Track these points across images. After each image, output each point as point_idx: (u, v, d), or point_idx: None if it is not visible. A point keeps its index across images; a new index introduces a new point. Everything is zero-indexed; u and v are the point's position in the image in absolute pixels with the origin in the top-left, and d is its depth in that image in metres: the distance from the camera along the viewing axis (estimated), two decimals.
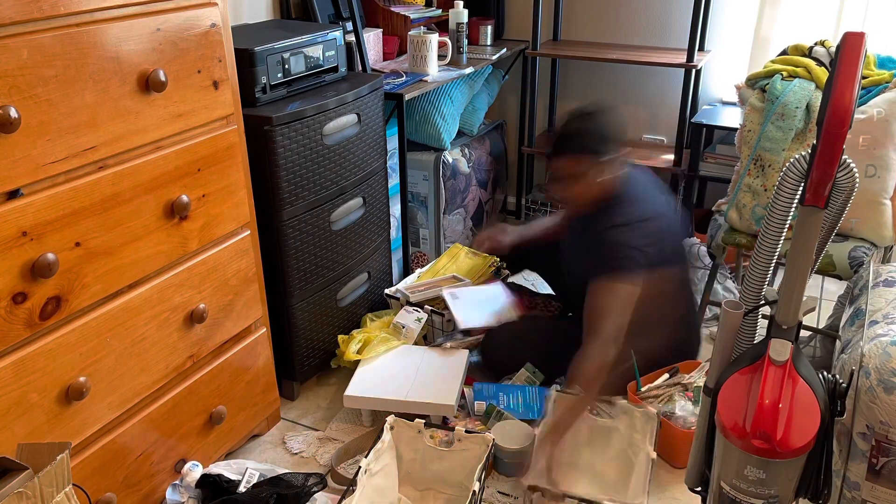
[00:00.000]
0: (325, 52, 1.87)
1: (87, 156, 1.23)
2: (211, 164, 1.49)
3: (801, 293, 1.08)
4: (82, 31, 1.18)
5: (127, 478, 1.45)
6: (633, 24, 2.71)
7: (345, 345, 1.98)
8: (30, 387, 1.22)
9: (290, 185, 1.75)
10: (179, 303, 1.48)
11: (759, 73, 1.96)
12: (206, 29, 1.41)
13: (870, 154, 1.83)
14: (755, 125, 1.91)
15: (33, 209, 1.16)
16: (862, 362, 1.24)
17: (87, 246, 1.26)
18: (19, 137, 1.12)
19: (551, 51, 2.69)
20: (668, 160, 2.63)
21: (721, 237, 2.04)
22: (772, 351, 1.07)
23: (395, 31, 2.47)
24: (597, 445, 1.65)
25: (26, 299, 1.18)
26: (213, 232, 1.53)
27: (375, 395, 1.84)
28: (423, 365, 1.94)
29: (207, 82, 1.43)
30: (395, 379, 1.89)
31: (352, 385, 1.87)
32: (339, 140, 1.87)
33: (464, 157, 2.67)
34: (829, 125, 0.97)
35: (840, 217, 1.25)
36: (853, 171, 1.07)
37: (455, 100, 2.55)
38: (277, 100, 1.77)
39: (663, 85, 2.74)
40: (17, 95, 1.10)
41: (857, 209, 1.85)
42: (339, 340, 2.01)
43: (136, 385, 1.42)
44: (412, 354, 1.99)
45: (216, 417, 1.64)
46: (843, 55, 0.98)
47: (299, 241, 1.83)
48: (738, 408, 1.07)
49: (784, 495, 1.09)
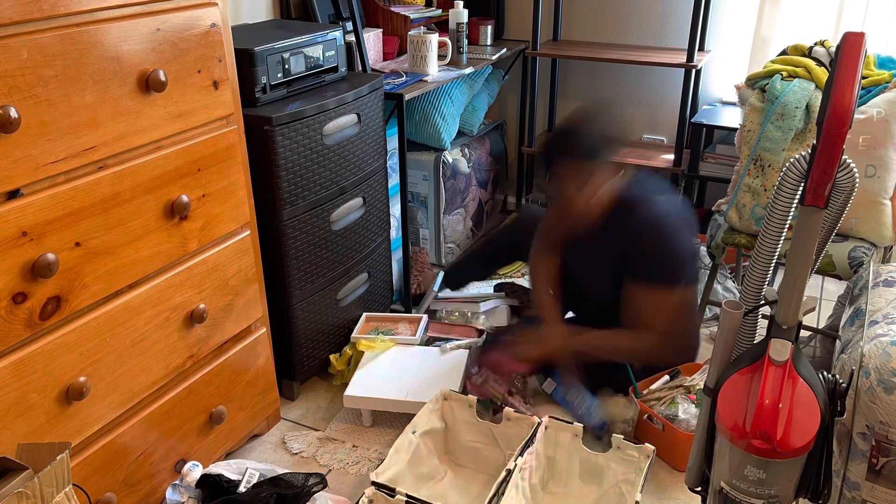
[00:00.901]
0: (325, 52, 1.87)
1: (87, 156, 1.23)
2: (211, 164, 1.49)
3: (801, 293, 1.07)
4: (82, 31, 1.18)
5: (127, 478, 1.45)
6: (633, 24, 2.71)
7: (339, 362, 2.01)
8: (30, 387, 1.22)
9: (290, 185, 1.75)
10: (179, 303, 1.48)
11: (759, 73, 1.95)
12: (206, 29, 1.41)
13: (870, 154, 1.83)
14: (755, 125, 1.91)
15: (33, 209, 1.16)
16: (862, 362, 1.24)
17: (87, 246, 1.26)
18: (19, 137, 1.12)
19: (551, 51, 2.69)
20: (667, 160, 2.63)
21: (721, 237, 2.04)
22: (772, 351, 1.07)
23: (395, 31, 2.47)
24: (587, 479, 1.62)
25: (26, 299, 1.18)
26: (213, 232, 1.53)
27: (375, 395, 1.84)
28: (424, 365, 1.94)
29: (207, 82, 1.43)
30: (395, 379, 1.89)
31: (352, 385, 1.87)
32: (339, 140, 1.86)
33: (464, 157, 2.67)
34: (829, 125, 0.97)
35: (840, 217, 1.25)
36: (853, 172, 1.07)
37: (455, 100, 2.55)
38: (277, 100, 1.77)
39: (663, 85, 2.74)
40: (17, 95, 1.10)
41: (856, 209, 1.85)
42: (332, 359, 2.02)
43: (136, 385, 1.42)
44: (412, 354, 1.99)
45: (216, 417, 1.64)
46: (843, 55, 0.98)
47: (299, 241, 1.83)
48: (738, 408, 1.07)
49: (784, 495, 1.09)
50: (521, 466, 1.48)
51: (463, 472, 1.69)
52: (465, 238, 2.81)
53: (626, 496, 1.54)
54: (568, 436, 1.61)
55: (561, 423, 1.61)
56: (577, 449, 1.61)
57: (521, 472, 1.49)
